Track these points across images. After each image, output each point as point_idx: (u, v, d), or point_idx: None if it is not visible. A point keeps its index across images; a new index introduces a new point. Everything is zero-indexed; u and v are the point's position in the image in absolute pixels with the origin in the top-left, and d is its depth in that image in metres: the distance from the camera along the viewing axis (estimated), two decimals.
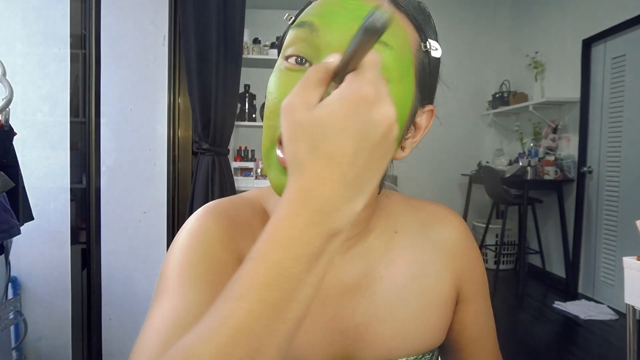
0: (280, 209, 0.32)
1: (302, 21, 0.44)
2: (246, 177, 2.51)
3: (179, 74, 1.86)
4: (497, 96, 4.38)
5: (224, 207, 0.51)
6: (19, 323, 1.64)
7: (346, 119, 0.31)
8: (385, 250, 0.54)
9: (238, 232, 0.48)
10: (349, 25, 0.41)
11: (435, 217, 0.58)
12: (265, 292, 0.30)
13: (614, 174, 3.14)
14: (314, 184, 0.31)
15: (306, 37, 0.43)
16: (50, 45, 1.72)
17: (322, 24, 0.42)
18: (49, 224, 1.73)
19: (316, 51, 0.43)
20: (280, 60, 0.45)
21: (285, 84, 0.43)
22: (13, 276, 1.67)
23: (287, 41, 0.45)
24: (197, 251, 0.45)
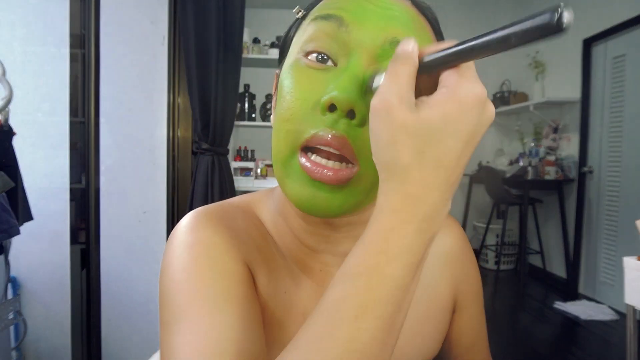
0: (384, 218, 0.30)
1: (327, 14, 0.39)
2: (246, 177, 2.51)
3: (179, 74, 1.85)
4: (498, 96, 4.38)
5: (218, 216, 0.46)
6: (18, 323, 1.64)
7: (459, 121, 0.29)
8: None
9: (239, 241, 0.44)
10: (382, 25, 0.38)
11: None
12: (382, 308, 0.29)
13: (614, 174, 3.13)
14: (421, 190, 0.30)
15: (333, 32, 0.39)
16: (49, 45, 1.72)
17: (352, 19, 0.38)
18: (49, 224, 1.73)
19: (344, 49, 0.38)
20: (298, 56, 0.40)
21: (308, 84, 0.38)
22: (12, 276, 1.67)
23: (309, 35, 0.40)
24: (208, 267, 0.40)
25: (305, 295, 0.47)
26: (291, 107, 0.38)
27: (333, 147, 0.36)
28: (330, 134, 0.36)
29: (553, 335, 2.76)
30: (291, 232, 0.47)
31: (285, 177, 0.39)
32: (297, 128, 0.38)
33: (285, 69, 0.41)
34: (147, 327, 1.79)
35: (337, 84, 0.36)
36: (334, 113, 0.36)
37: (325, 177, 0.36)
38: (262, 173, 2.58)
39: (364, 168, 0.37)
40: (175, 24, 1.81)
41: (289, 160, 0.39)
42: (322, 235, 0.46)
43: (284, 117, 0.39)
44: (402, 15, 0.39)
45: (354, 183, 0.38)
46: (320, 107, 0.37)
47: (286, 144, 0.39)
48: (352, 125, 0.36)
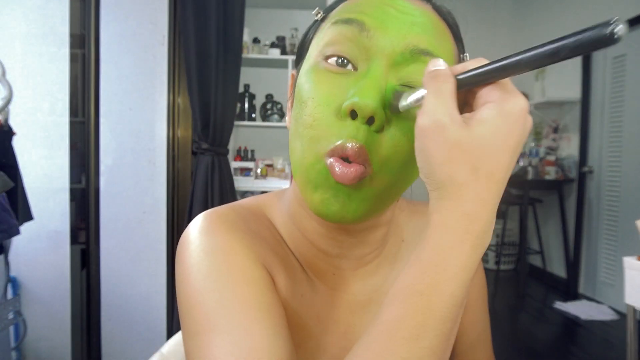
0: (440, 236, 0.31)
1: (349, 18, 0.39)
2: (246, 177, 2.51)
3: (179, 73, 1.85)
4: None
5: (231, 219, 0.44)
6: (18, 323, 1.64)
7: (508, 135, 0.30)
8: (394, 261, 0.51)
9: (256, 245, 0.43)
10: (403, 31, 0.38)
11: None
12: (441, 326, 0.30)
13: (614, 174, 3.13)
14: (476, 207, 0.30)
15: (354, 36, 0.38)
16: (49, 45, 1.72)
17: (375, 25, 0.38)
18: (49, 224, 1.73)
19: (364, 53, 0.38)
20: (317, 59, 0.40)
21: (328, 88, 0.38)
22: (12, 276, 1.67)
23: (329, 39, 0.40)
24: (232, 275, 0.39)
25: (319, 299, 0.47)
26: (313, 113, 0.38)
27: (351, 157, 0.36)
28: (351, 144, 0.36)
29: (553, 335, 2.76)
30: (303, 235, 0.47)
31: (308, 183, 0.39)
32: (322, 135, 0.38)
33: (304, 72, 0.41)
34: (147, 327, 1.80)
35: (358, 89, 0.36)
36: (355, 120, 0.36)
37: (346, 176, 0.36)
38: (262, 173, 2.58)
39: (376, 171, 0.38)
40: (175, 24, 1.81)
41: (314, 166, 0.38)
42: (335, 239, 0.46)
43: (306, 122, 0.38)
44: (424, 21, 0.39)
45: (366, 185, 0.38)
46: (341, 113, 0.37)
47: (311, 151, 0.38)
48: (370, 131, 0.37)
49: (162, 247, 1.80)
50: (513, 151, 0.31)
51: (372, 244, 0.48)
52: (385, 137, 0.37)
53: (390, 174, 0.38)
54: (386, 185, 0.39)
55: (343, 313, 0.48)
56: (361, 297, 0.49)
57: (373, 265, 0.50)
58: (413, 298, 0.30)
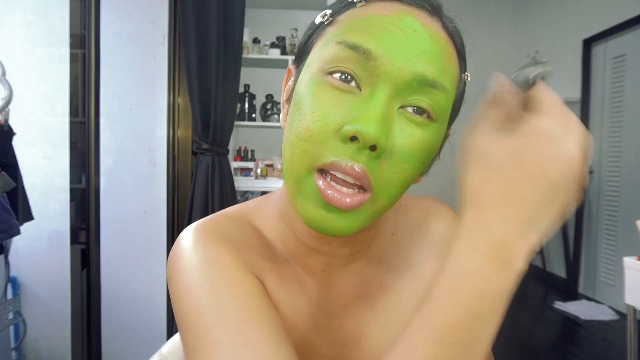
0: (456, 242, 0.32)
1: (355, 44, 0.37)
2: (246, 177, 2.51)
3: (179, 74, 1.85)
4: None
5: (216, 231, 0.45)
6: (18, 323, 1.64)
7: (525, 154, 0.31)
8: (384, 256, 0.51)
9: (243, 254, 0.44)
10: (412, 61, 0.37)
11: (426, 213, 0.56)
12: (459, 335, 0.30)
13: (614, 174, 3.13)
14: (488, 215, 0.31)
15: (359, 61, 0.37)
16: (50, 45, 1.72)
17: (382, 52, 0.36)
18: (49, 224, 1.73)
19: (369, 77, 0.37)
20: (318, 75, 0.39)
21: (330, 105, 0.37)
22: (12, 276, 1.67)
23: (331, 57, 0.38)
24: (225, 287, 0.39)
25: (310, 296, 0.48)
26: (310, 128, 0.37)
27: (353, 177, 0.36)
28: (351, 164, 0.36)
29: (553, 335, 2.76)
30: (294, 234, 0.47)
31: (298, 195, 0.39)
32: (316, 151, 0.37)
33: (305, 82, 0.40)
34: (147, 327, 1.80)
35: (360, 115, 0.35)
36: (355, 143, 0.36)
37: (341, 203, 0.36)
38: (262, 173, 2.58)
39: (377, 195, 0.38)
40: (176, 24, 1.81)
41: (304, 179, 0.38)
42: (326, 238, 0.46)
43: (302, 135, 0.37)
44: (432, 48, 0.38)
45: (365, 207, 0.38)
46: (341, 135, 0.36)
47: (302, 164, 0.38)
48: (372, 157, 0.36)
49: (162, 247, 1.80)
50: (533, 173, 0.31)
51: (362, 242, 0.49)
52: (385, 162, 0.37)
53: (391, 196, 0.39)
54: (385, 204, 0.39)
55: (336, 309, 0.49)
56: (352, 292, 0.49)
57: (362, 261, 0.50)
58: (431, 303, 0.31)
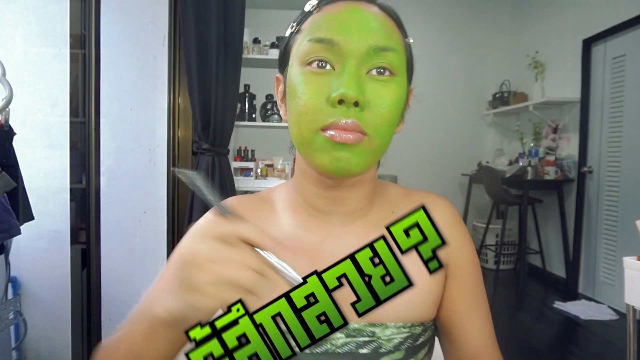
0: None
1: (320, 38, 0.50)
2: (246, 177, 2.51)
3: (179, 74, 1.85)
4: (497, 96, 4.38)
5: (229, 205, 0.61)
6: (18, 323, 1.64)
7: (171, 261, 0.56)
8: (381, 227, 0.56)
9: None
10: (364, 37, 0.49)
11: (428, 199, 0.64)
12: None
13: (614, 174, 3.14)
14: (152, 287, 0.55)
15: (327, 49, 0.49)
16: (50, 45, 1.72)
17: (341, 38, 0.49)
18: (49, 224, 1.73)
19: (338, 58, 0.50)
20: (300, 68, 0.51)
21: (316, 85, 0.49)
22: (13, 276, 1.67)
23: (306, 52, 0.50)
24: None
25: (306, 253, 0.58)
26: (307, 104, 0.49)
27: (349, 129, 0.48)
28: (345, 120, 0.47)
29: (553, 335, 2.76)
30: (304, 200, 0.60)
31: (313, 152, 0.50)
32: (316, 118, 0.48)
33: (292, 76, 0.52)
34: None
35: (341, 83, 0.47)
36: (343, 105, 0.47)
37: (346, 139, 0.47)
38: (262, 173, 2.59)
39: (372, 135, 0.49)
40: (176, 24, 1.81)
41: (313, 138, 0.49)
42: (329, 197, 0.58)
43: (301, 111, 0.49)
44: (377, 24, 0.51)
45: (366, 144, 0.49)
46: (331, 102, 0.48)
47: (308, 129, 0.49)
48: (357, 112, 0.48)
49: (162, 247, 1.80)
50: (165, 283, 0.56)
51: (359, 201, 0.59)
52: (369, 112, 0.49)
53: (383, 135, 0.50)
54: (380, 143, 0.51)
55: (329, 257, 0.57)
56: (346, 251, 0.55)
57: (359, 224, 0.59)
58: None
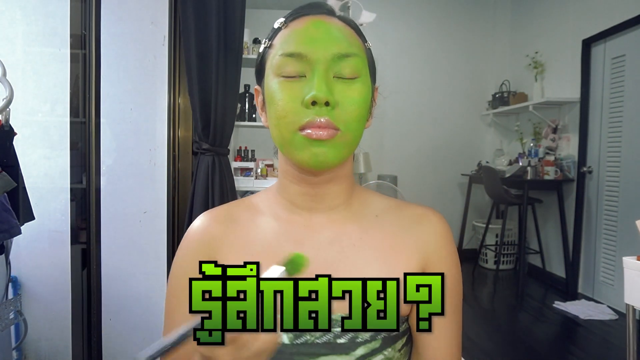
0: None
1: (290, 53, 0.56)
2: (246, 177, 2.51)
3: (179, 74, 1.85)
4: (497, 96, 4.38)
5: (212, 216, 0.68)
6: (19, 323, 1.64)
7: None
8: (364, 229, 0.63)
9: (212, 241, 0.64)
10: (329, 47, 0.55)
11: (419, 212, 0.66)
12: None
13: (614, 174, 3.14)
14: None
15: (297, 61, 0.55)
16: (50, 45, 1.72)
17: (308, 50, 0.55)
18: (49, 223, 1.73)
19: (307, 66, 0.55)
20: (276, 78, 0.57)
21: (291, 91, 0.55)
22: (13, 276, 1.67)
23: (278, 65, 0.56)
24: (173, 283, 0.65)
25: (288, 243, 0.62)
26: (285, 108, 0.55)
27: (323, 127, 0.53)
28: (318, 119, 0.53)
29: (552, 335, 2.76)
30: (286, 199, 0.64)
31: (294, 150, 0.56)
32: (293, 119, 0.54)
33: (270, 86, 0.58)
34: (147, 327, 1.80)
35: (313, 87, 0.54)
36: (316, 106, 0.53)
37: (321, 136, 0.53)
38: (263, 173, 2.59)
39: (344, 130, 0.55)
40: (176, 24, 1.81)
41: (292, 137, 0.55)
42: (309, 194, 0.62)
43: (280, 115, 0.55)
44: (339, 34, 0.57)
45: (340, 138, 0.55)
46: (305, 104, 0.54)
47: (287, 129, 0.55)
48: (329, 110, 0.54)
49: (162, 247, 1.80)
50: None
51: (338, 195, 0.63)
52: (339, 110, 0.55)
53: (353, 129, 0.56)
54: (352, 137, 0.56)
55: (310, 249, 0.61)
56: (326, 242, 0.62)
57: (340, 222, 0.63)
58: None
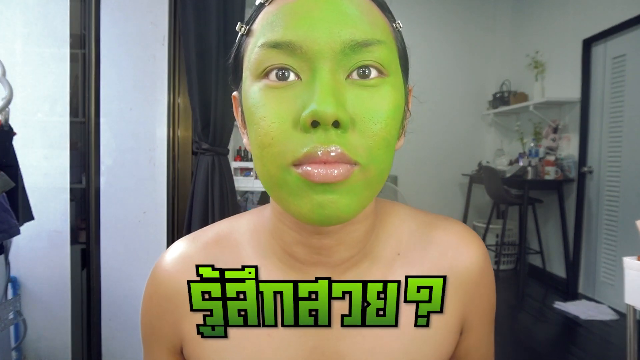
0: None
1: (276, 42, 0.35)
2: (246, 177, 2.51)
3: (179, 74, 1.85)
4: (498, 96, 4.38)
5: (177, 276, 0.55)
6: (18, 323, 1.64)
7: None
8: (383, 276, 0.46)
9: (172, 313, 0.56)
10: (335, 30, 0.35)
11: (451, 238, 0.49)
12: None
13: (614, 174, 3.14)
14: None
15: (287, 54, 0.36)
16: (50, 45, 1.72)
17: (304, 36, 0.35)
18: (49, 224, 1.73)
19: (304, 63, 0.35)
20: (255, 82, 0.37)
21: (277, 104, 0.35)
22: (13, 276, 1.67)
23: (258, 60, 0.37)
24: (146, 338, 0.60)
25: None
26: (269, 133, 0.35)
27: (331, 161, 0.34)
28: (323, 149, 0.33)
29: (553, 335, 2.76)
30: (281, 249, 0.46)
31: (287, 196, 0.36)
32: (285, 149, 0.35)
33: (246, 95, 0.38)
34: None
35: (311, 99, 0.34)
36: (319, 128, 0.34)
37: (330, 177, 0.34)
38: None
39: (365, 163, 0.35)
40: (176, 24, 1.81)
41: (284, 178, 0.36)
42: (314, 246, 0.44)
43: (264, 143, 0.35)
44: (350, 10, 0.36)
45: (358, 177, 0.35)
46: (302, 126, 0.34)
47: (275, 166, 0.35)
48: (340, 134, 0.34)
49: (162, 247, 1.80)
50: None
51: (351, 247, 0.44)
52: (355, 132, 0.35)
53: (379, 161, 0.36)
54: (377, 172, 0.37)
55: (312, 328, 0.43)
56: (334, 311, 0.44)
57: (352, 276, 0.45)
58: None
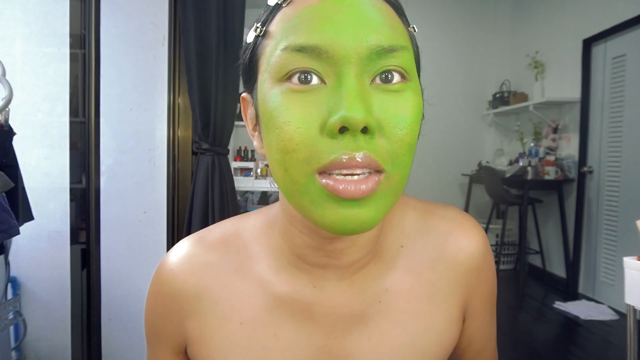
0: None
1: (301, 45, 0.35)
2: (246, 177, 2.51)
3: (179, 74, 1.85)
4: (497, 96, 4.38)
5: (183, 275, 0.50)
6: (18, 323, 1.64)
7: None
8: (388, 270, 0.47)
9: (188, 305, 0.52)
10: (362, 35, 0.35)
11: (450, 226, 0.50)
12: None
13: (614, 174, 3.13)
14: None
15: (312, 58, 0.35)
16: (49, 45, 1.72)
17: (330, 41, 0.35)
18: (49, 224, 1.73)
19: (329, 67, 0.35)
20: (276, 86, 0.37)
21: (302, 109, 0.35)
22: (13, 276, 1.67)
23: (281, 64, 0.36)
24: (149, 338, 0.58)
25: (289, 318, 0.47)
26: (294, 138, 0.35)
27: (360, 166, 0.34)
28: (350, 155, 0.34)
29: (553, 335, 2.76)
30: (291, 251, 0.46)
31: (309, 204, 0.36)
32: (310, 155, 0.35)
33: (266, 98, 0.37)
34: None
35: (338, 104, 0.34)
36: (347, 133, 0.34)
37: (358, 192, 0.34)
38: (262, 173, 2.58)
39: (390, 170, 0.36)
40: (176, 24, 1.81)
41: (307, 186, 0.35)
42: (326, 250, 0.44)
43: (287, 148, 0.35)
44: (374, 15, 0.36)
45: (385, 186, 0.36)
46: (329, 131, 0.34)
47: (299, 172, 0.35)
48: (367, 140, 0.34)
49: (162, 247, 1.80)
50: None
51: (362, 248, 0.45)
52: (382, 138, 0.35)
53: (403, 167, 0.37)
54: (400, 178, 0.37)
55: (320, 326, 0.46)
56: (343, 310, 0.46)
57: (360, 274, 0.47)
58: None
